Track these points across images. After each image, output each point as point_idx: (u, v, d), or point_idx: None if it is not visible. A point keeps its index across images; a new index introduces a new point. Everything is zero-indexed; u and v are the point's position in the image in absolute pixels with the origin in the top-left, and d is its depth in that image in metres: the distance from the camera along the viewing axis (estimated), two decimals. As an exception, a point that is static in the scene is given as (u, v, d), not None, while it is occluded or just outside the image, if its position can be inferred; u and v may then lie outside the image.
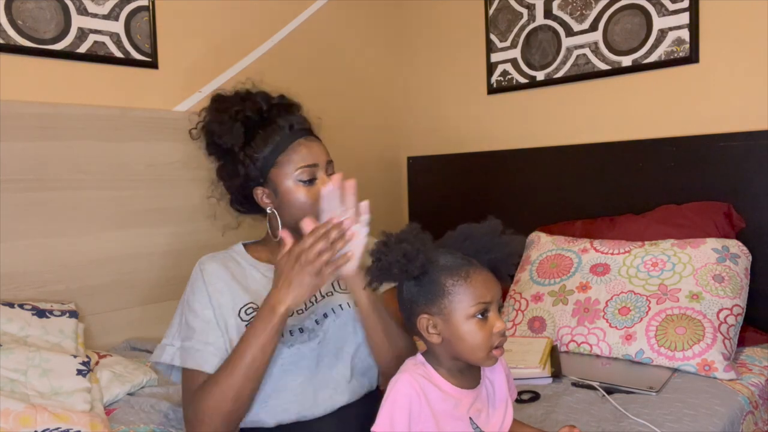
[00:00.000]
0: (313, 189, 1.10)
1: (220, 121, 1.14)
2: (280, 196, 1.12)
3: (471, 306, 0.89)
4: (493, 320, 0.89)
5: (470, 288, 0.89)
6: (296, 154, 1.11)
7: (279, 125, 1.13)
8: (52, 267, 1.71)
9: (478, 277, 0.90)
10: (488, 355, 0.89)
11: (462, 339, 0.89)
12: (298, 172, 1.10)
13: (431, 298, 0.91)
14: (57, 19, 1.73)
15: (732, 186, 1.83)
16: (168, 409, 1.36)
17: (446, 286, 0.90)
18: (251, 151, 1.12)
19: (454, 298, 0.89)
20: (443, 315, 0.90)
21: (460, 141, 2.55)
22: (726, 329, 1.53)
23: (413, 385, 0.88)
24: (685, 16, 1.93)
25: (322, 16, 2.41)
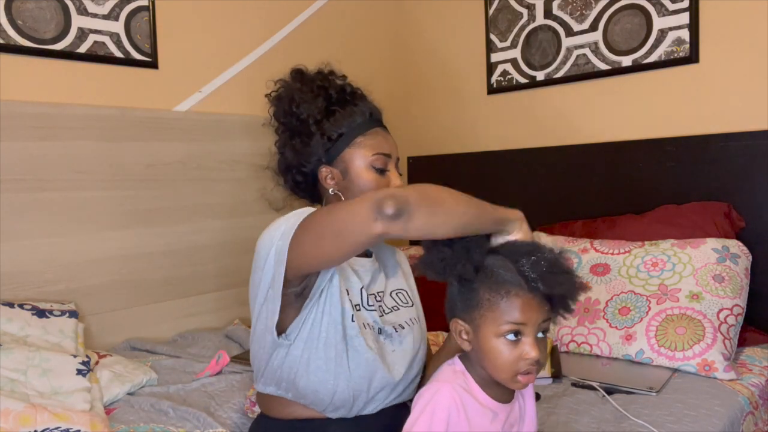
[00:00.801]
0: (382, 179, 1.10)
1: (301, 90, 1.12)
2: (348, 177, 1.10)
3: (501, 325, 0.85)
4: (527, 345, 0.85)
5: (506, 307, 0.85)
6: (375, 139, 1.11)
7: (360, 108, 1.12)
8: (52, 267, 1.71)
9: (519, 298, 0.86)
10: (512, 378, 0.86)
11: (487, 355, 0.87)
12: (374, 158, 1.10)
13: (467, 306, 0.89)
14: (57, 19, 1.73)
15: (732, 186, 1.83)
16: (168, 408, 1.36)
17: (482, 298, 0.87)
18: (329, 127, 1.10)
19: (486, 313, 0.87)
20: (474, 325, 0.88)
21: (460, 141, 2.55)
22: (726, 329, 1.53)
23: (454, 397, 0.86)
24: (685, 16, 1.93)
25: (322, 16, 2.41)
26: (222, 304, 2.10)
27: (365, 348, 1.05)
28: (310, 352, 1.03)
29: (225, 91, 2.14)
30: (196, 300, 2.05)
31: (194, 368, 1.62)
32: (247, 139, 2.17)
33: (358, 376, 1.05)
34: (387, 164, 1.11)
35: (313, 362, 1.03)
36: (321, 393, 1.05)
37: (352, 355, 1.04)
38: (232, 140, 2.12)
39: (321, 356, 1.03)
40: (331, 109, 1.12)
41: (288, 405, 1.09)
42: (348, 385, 1.04)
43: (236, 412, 1.36)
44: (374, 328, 1.10)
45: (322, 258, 0.96)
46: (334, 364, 1.03)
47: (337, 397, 1.05)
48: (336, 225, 0.92)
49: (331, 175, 1.12)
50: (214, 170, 2.08)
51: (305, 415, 1.08)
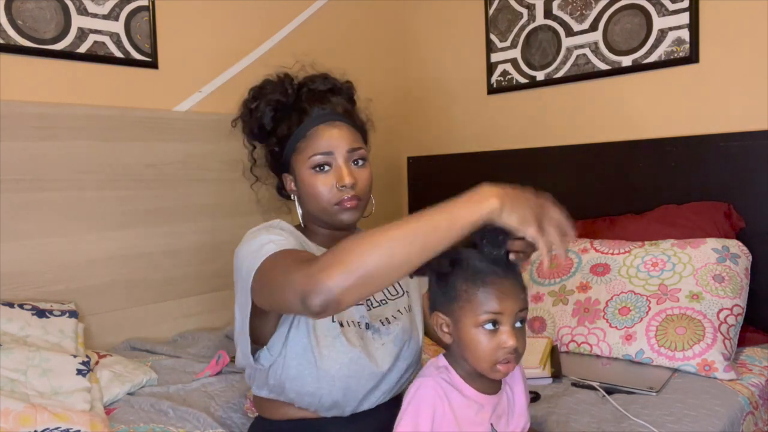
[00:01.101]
0: (326, 179, 1.05)
1: (251, 106, 1.13)
2: (299, 184, 1.10)
3: (479, 315, 0.86)
4: (504, 334, 0.86)
5: (483, 297, 0.87)
6: (313, 140, 1.06)
7: (305, 109, 1.10)
8: (52, 267, 1.71)
9: (495, 286, 0.87)
10: (492, 367, 0.87)
11: (467, 346, 0.88)
12: (310, 161, 1.05)
13: (446, 299, 0.90)
14: (57, 19, 1.73)
15: (732, 186, 1.83)
16: (168, 408, 1.36)
17: (459, 290, 0.88)
18: (277, 137, 1.11)
19: (465, 305, 0.88)
20: (453, 318, 0.89)
21: (460, 141, 2.55)
22: (726, 329, 1.53)
23: (437, 389, 0.87)
24: (685, 16, 1.93)
25: (322, 16, 2.41)
26: (222, 304, 2.10)
27: (348, 347, 1.04)
28: (289, 359, 1.04)
29: (225, 91, 2.13)
30: (196, 300, 2.05)
31: (194, 368, 1.62)
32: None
33: (344, 375, 1.04)
34: (328, 161, 1.06)
35: (294, 368, 1.04)
36: (308, 397, 1.05)
37: (334, 356, 1.04)
38: (232, 140, 2.09)
39: (301, 362, 1.03)
40: (279, 117, 1.12)
41: (282, 406, 1.09)
42: (334, 386, 1.04)
43: (236, 412, 1.36)
44: (360, 324, 1.10)
45: (277, 309, 0.97)
46: (315, 368, 1.03)
47: (326, 399, 1.05)
48: (276, 294, 0.90)
49: (291, 182, 1.13)
50: (214, 170, 2.08)
51: (299, 415, 1.08)
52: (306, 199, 1.09)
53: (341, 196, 1.05)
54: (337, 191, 1.05)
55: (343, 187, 1.05)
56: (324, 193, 1.05)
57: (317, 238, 1.13)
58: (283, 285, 0.86)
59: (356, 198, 1.06)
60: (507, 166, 2.35)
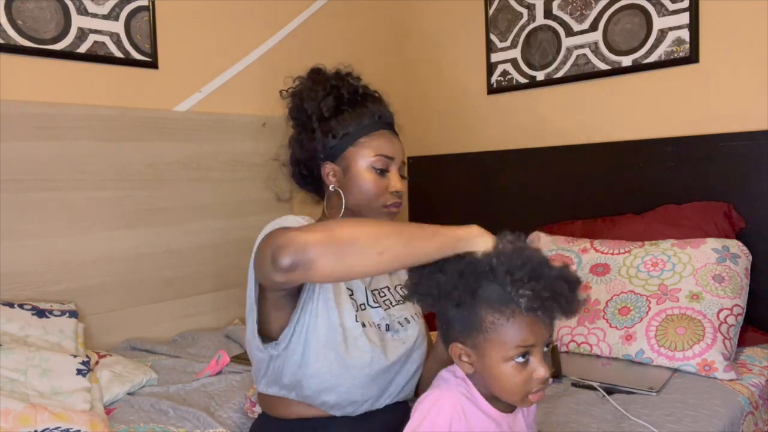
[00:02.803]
0: (382, 180, 1.11)
1: (313, 88, 1.15)
2: (349, 176, 1.12)
3: (510, 349, 0.80)
4: (534, 366, 0.81)
5: (513, 329, 0.80)
6: (378, 141, 1.12)
7: (369, 110, 1.15)
8: (52, 267, 1.71)
9: (525, 318, 0.80)
10: (523, 399, 0.83)
11: (495, 380, 0.83)
12: (375, 159, 1.11)
13: (468, 328, 0.83)
14: (57, 19, 1.73)
15: (732, 186, 1.83)
16: (168, 408, 1.36)
17: (485, 321, 0.81)
18: (335, 125, 1.13)
19: (492, 337, 0.81)
20: (478, 350, 0.83)
21: (460, 141, 2.55)
22: (726, 329, 1.53)
23: (456, 406, 0.83)
24: (685, 16, 1.93)
25: (322, 16, 2.41)
26: (222, 304, 2.10)
27: (369, 346, 1.05)
28: (308, 356, 1.03)
29: (225, 91, 2.14)
30: (196, 300, 2.05)
31: (194, 368, 1.62)
32: (247, 139, 2.16)
33: (364, 375, 1.05)
34: (388, 166, 1.13)
35: (313, 365, 1.03)
36: (325, 395, 1.05)
37: (356, 354, 1.04)
38: (232, 140, 2.12)
39: (321, 359, 1.03)
40: (341, 108, 1.14)
41: (291, 405, 1.09)
42: (352, 384, 1.04)
43: (236, 412, 1.36)
44: (380, 326, 1.11)
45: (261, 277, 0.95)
46: (336, 365, 1.03)
47: (343, 398, 1.05)
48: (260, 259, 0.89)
49: (333, 172, 1.14)
50: (214, 170, 2.08)
51: (308, 414, 1.08)
52: (353, 191, 1.12)
53: (390, 200, 1.12)
54: (389, 195, 1.12)
55: (394, 193, 1.12)
56: (377, 193, 1.11)
57: None
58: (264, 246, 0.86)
59: (399, 205, 1.15)
60: (507, 166, 2.35)
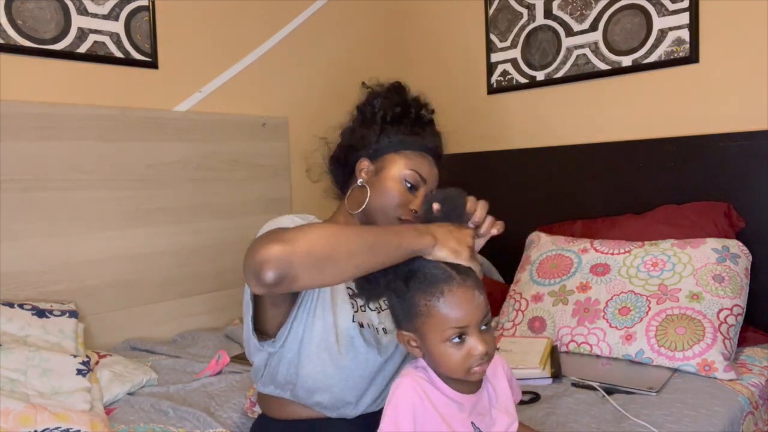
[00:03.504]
0: (407, 194, 1.13)
1: (390, 95, 1.21)
2: (379, 177, 1.14)
3: (446, 330, 0.84)
4: (472, 343, 0.85)
5: (445, 310, 0.85)
6: (420, 160, 1.15)
7: (427, 132, 1.20)
8: (52, 267, 1.71)
9: (455, 297, 0.85)
10: (467, 374, 0.86)
11: (438, 360, 0.87)
12: (409, 173, 1.13)
13: (407, 315, 0.88)
14: (57, 19, 1.73)
15: (732, 186, 1.83)
16: (168, 408, 1.36)
17: (419, 306, 0.86)
18: (391, 129, 1.17)
19: (428, 320, 0.86)
20: (418, 334, 0.88)
21: (460, 141, 2.54)
22: (726, 329, 1.53)
23: (415, 387, 0.87)
24: (685, 16, 1.93)
25: (322, 16, 2.41)
26: (222, 304, 2.10)
27: (365, 348, 1.06)
28: (303, 355, 1.04)
29: (225, 91, 2.14)
30: (196, 300, 2.05)
31: (194, 368, 1.62)
32: (247, 139, 2.17)
33: (358, 376, 1.05)
34: (419, 185, 1.14)
35: (308, 365, 1.04)
36: (318, 395, 1.05)
37: (350, 355, 1.05)
38: (232, 140, 2.12)
39: (315, 359, 1.04)
40: (404, 120, 1.19)
41: (288, 405, 1.09)
42: (346, 385, 1.05)
43: (236, 412, 1.36)
44: (378, 329, 1.11)
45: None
46: (330, 366, 1.04)
47: (336, 398, 1.05)
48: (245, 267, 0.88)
49: (367, 169, 1.17)
50: (214, 170, 2.08)
51: (305, 415, 1.08)
52: (377, 193, 1.13)
53: (406, 215, 1.12)
54: (407, 210, 1.12)
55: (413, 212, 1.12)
56: (399, 203, 1.12)
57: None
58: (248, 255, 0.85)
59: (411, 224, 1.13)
60: (507, 167, 2.35)
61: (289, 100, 2.33)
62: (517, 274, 1.94)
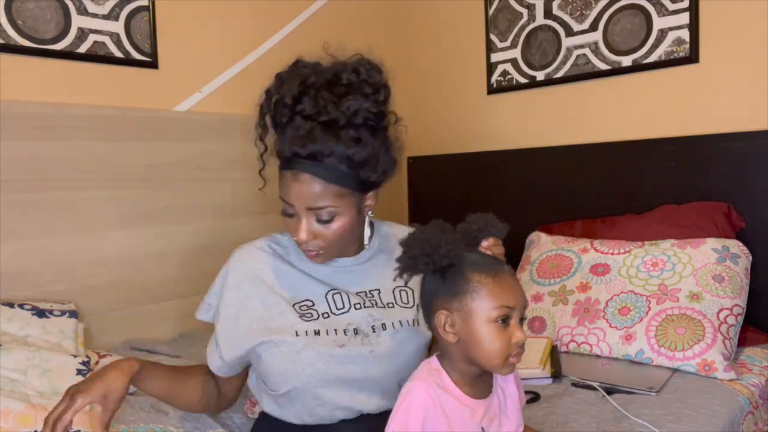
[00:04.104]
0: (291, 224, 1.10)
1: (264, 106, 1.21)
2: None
3: (494, 308, 0.85)
4: (514, 329, 0.86)
5: (496, 288, 0.86)
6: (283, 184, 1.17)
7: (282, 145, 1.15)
8: (52, 267, 1.71)
9: (507, 279, 0.87)
10: (504, 363, 0.86)
11: (479, 342, 0.86)
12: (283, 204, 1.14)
13: (454, 293, 0.87)
14: (57, 19, 1.73)
15: (732, 186, 1.83)
16: (168, 408, 1.36)
17: (472, 281, 0.86)
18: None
19: (477, 296, 0.86)
20: (463, 313, 0.87)
21: (460, 141, 2.55)
22: (726, 329, 1.53)
23: (429, 393, 0.86)
24: (685, 16, 1.93)
25: (322, 15, 2.41)
26: (222, 304, 2.10)
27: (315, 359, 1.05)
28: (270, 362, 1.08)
29: (225, 91, 2.14)
30: (196, 300, 2.02)
31: (194, 368, 1.62)
32: (247, 139, 2.14)
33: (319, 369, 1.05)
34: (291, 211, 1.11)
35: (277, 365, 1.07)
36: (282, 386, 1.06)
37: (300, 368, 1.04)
38: (232, 140, 2.12)
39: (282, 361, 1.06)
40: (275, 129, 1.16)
41: None
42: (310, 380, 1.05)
43: (236, 413, 1.36)
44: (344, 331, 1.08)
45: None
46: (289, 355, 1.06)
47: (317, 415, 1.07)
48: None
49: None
50: (214, 170, 2.08)
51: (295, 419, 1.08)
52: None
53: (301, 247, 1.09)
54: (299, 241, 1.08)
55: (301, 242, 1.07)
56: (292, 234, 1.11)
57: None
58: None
59: (316, 254, 1.09)
60: (507, 166, 2.35)
61: (289, 100, 2.32)
62: (517, 274, 1.94)
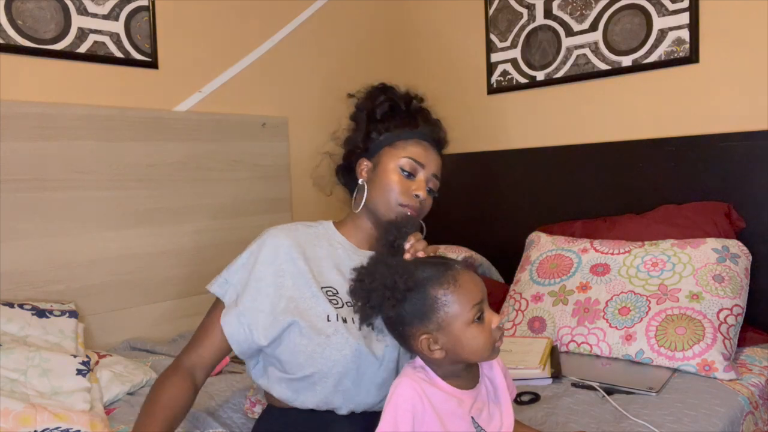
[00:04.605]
0: (406, 182, 1.14)
1: (375, 94, 1.22)
2: (377, 172, 1.16)
3: (468, 311, 0.87)
4: (489, 318, 0.89)
5: (462, 292, 0.87)
6: (414, 147, 1.16)
7: (418, 122, 1.19)
8: (52, 267, 1.71)
9: (464, 277, 0.89)
10: (492, 351, 0.90)
11: (465, 345, 0.88)
12: (405, 161, 1.14)
13: (424, 314, 0.88)
14: (57, 19, 1.73)
15: (732, 186, 1.83)
16: (168, 409, 1.36)
17: (437, 296, 0.87)
18: (381, 126, 1.18)
19: (448, 308, 0.87)
20: (442, 328, 0.88)
21: (460, 141, 2.53)
22: (726, 329, 1.53)
23: (415, 387, 0.87)
24: (685, 16, 1.93)
25: (322, 16, 2.41)
26: (222, 304, 2.10)
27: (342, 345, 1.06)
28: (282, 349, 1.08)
29: (225, 91, 2.14)
30: (196, 300, 2.05)
31: (194, 368, 1.62)
32: (247, 139, 2.17)
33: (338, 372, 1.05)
34: (416, 171, 1.15)
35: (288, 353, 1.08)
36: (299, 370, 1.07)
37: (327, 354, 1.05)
38: (232, 140, 2.12)
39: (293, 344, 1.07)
40: (393, 115, 1.20)
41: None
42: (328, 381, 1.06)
43: (236, 412, 1.36)
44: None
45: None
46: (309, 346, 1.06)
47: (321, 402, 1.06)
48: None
49: (366, 168, 1.19)
50: (214, 170, 2.08)
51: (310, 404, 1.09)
52: (375, 187, 1.15)
53: (409, 201, 1.13)
54: (409, 196, 1.13)
55: (416, 197, 1.13)
56: (398, 191, 1.13)
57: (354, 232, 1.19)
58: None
59: (417, 211, 1.15)
60: (507, 166, 2.35)
61: (289, 100, 2.33)
62: (517, 274, 1.94)
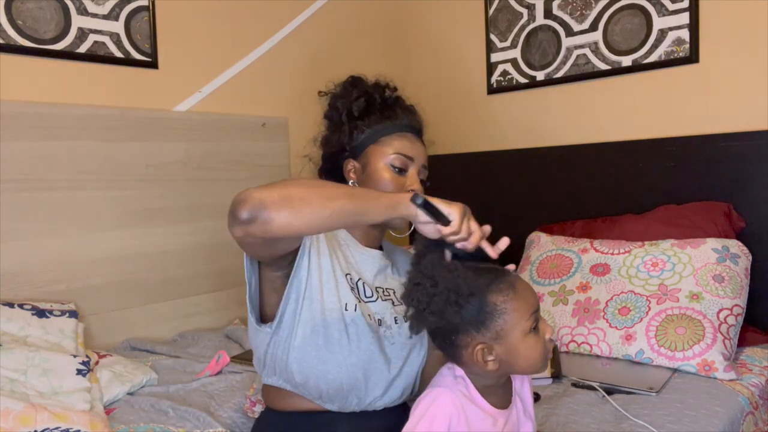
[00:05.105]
0: (400, 178, 1.13)
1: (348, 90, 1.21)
2: (367, 172, 1.15)
3: (526, 320, 0.83)
4: (544, 327, 0.85)
5: (520, 300, 0.83)
6: (400, 141, 1.15)
7: (397, 114, 1.18)
8: (52, 267, 1.71)
9: (522, 284, 0.84)
10: (544, 362, 0.86)
11: (522, 357, 0.84)
12: (393, 157, 1.14)
13: (482, 323, 0.83)
14: (57, 19, 1.73)
15: (732, 186, 1.83)
16: (168, 408, 1.36)
17: (497, 305, 0.83)
18: (362, 124, 1.17)
19: (507, 316, 0.82)
20: (499, 338, 0.83)
21: (460, 141, 2.55)
22: (726, 329, 1.53)
23: (455, 403, 0.84)
24: (685, 16, 1.93)
25: (322, 16, 2.41)
26: (221, 304, 2.10)
27: (358, 336, 1.06)
28: (295, 337, 1.05)
29: (225, 91, 2.14)
30: (196, 300, 2.05)
31: (194, 368, 1.62)
32: (247, 139, 2.17)
33: (351, 363, 1.05)
34: (407, 166, 1.14)
35: (300, 348, 1.05)
36: (312, 380, 1.05)
37: (344, 343, 1.05)
38: (232, 140, 2.12)
39: (309, 342, 1.04)
40: (371, 110, 1.19)
41: (290, 397, 1.10)
42: (340, 372, 1.05)
43: (236, 412, 1.36)
44: (374, 318, 1.11)
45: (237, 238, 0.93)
46: (325, 350, 1.04)
47: (330, 385, 1.05)
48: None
49: (353, 169, 1.18)
50: (214, 170, 2.08)
51: (307, 407, 1.09)
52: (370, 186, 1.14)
53: None
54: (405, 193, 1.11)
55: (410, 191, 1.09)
56: (393, 189, 1.12)
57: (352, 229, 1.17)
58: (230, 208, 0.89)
59: None
60: (507, 166, 2.35)
61: (289, 100, 2.32)
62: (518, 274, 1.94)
